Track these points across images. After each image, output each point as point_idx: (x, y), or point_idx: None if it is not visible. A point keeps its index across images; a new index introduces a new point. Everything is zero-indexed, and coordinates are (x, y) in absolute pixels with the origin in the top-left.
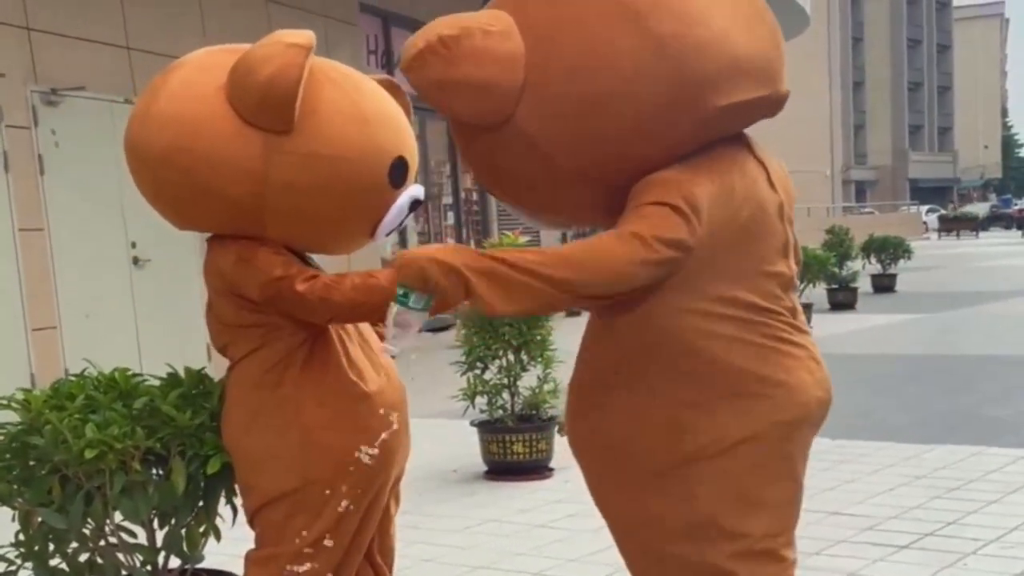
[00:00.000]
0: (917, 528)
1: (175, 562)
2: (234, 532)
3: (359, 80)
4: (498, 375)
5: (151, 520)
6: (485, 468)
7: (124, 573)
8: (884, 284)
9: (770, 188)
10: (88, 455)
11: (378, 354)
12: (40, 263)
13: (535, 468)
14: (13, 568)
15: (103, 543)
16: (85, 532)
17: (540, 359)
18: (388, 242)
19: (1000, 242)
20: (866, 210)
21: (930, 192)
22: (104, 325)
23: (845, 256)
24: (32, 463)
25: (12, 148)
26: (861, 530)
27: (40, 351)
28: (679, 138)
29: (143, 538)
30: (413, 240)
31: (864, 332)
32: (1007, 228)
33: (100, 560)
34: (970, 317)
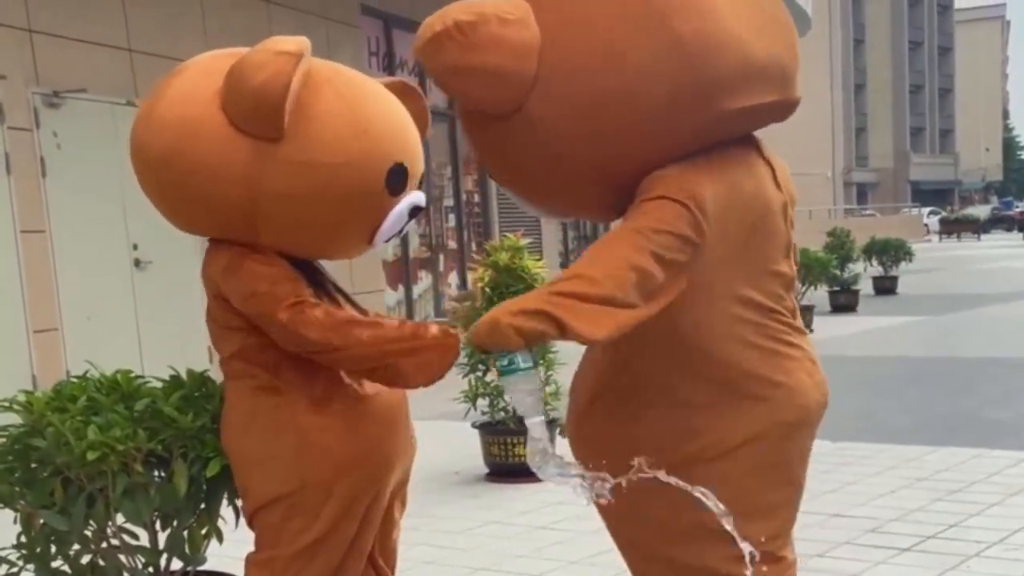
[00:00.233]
0: (919, 530)
1: (177, 564)
2: (236, 534)
3: (361, 84)
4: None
5: (153, 522)
6: (487, 470)
7: (126, 575)
8: (885, 286)
9: (776, 187)
10: (90, 457)
11: None
12: (42, 265)
13: None
14: (15, 570)
15: (105, 545)
16: (87, 534)
17: (542, 361)
18: (389, 247)
19: (1001, 244)
20: (867, 212)
21: (931, 194)
22: (106, 327)
23: (846, 258)
24: (34, 465)
25: (14, 150)
26: (863, 532)
27: (42, 353)
28: (689, 137)
29: (145, 540)
30: (415, 243)
31: (865, 334)
32: (1008, 230)
33: (102, 562)
34: (971, 319)
